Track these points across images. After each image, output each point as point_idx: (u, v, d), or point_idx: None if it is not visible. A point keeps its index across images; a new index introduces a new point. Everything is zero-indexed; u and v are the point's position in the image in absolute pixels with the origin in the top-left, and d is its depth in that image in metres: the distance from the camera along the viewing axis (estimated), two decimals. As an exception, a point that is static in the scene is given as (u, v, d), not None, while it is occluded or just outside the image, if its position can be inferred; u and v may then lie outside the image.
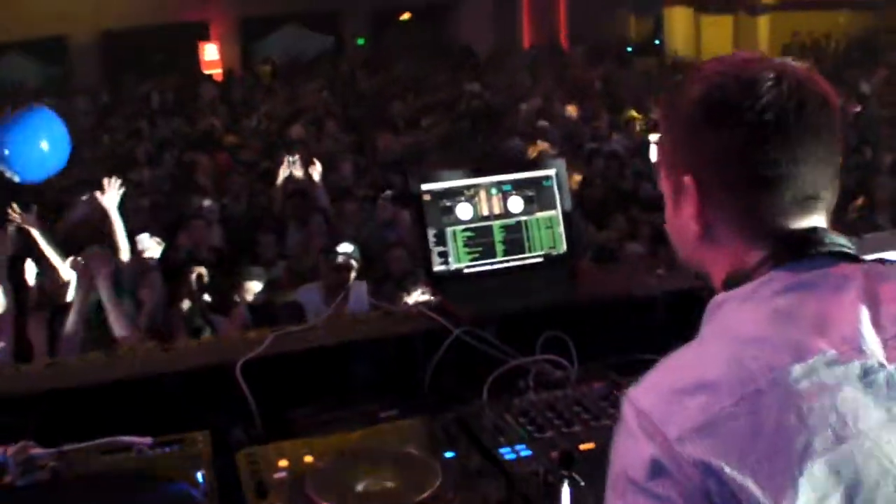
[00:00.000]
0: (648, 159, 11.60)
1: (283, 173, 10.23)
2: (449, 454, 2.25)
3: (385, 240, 9.08)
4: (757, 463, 1.33)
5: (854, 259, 1.55)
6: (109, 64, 26.91)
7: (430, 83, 22.47)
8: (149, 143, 14.94)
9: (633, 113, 15.11)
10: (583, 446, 2.22)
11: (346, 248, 7.48)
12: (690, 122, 1.60)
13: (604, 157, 12.57)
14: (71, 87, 25.07)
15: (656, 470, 1.38)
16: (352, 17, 29.97)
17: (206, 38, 27.53)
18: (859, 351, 1.41)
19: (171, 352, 2.86)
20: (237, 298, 7.53)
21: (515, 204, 3.18)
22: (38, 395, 2.60)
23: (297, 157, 10.42)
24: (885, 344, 1.43)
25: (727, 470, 1.33)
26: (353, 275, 7.38)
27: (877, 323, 1.44)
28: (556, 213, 3.22)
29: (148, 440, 2.36)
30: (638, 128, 14.64)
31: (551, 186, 3.22)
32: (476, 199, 3.14)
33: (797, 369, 1.37)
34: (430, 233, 3.09)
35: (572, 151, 12.82)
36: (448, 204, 3.11)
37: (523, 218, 3.18)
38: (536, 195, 3.20)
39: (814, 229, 1.55)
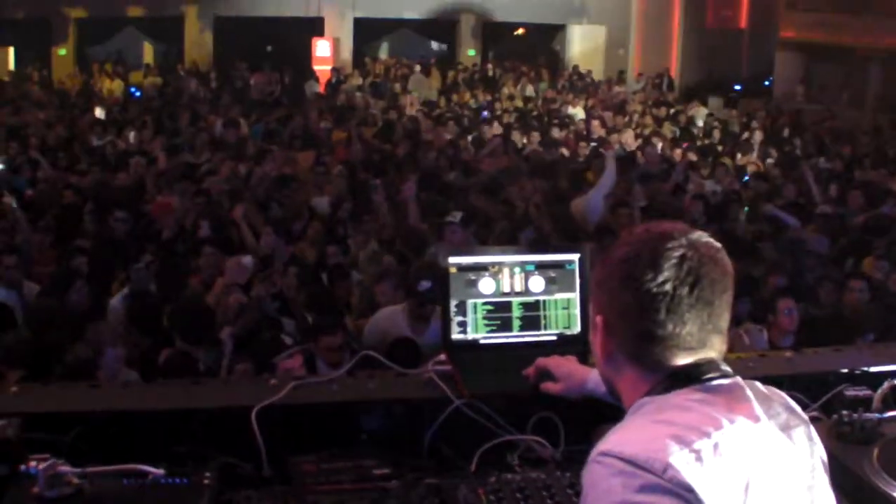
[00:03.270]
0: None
1: None
2: (417, 523, 2.51)
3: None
4: (721, 494, 1.81)
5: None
6: (220, 49, 27.40)
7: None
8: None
9: (726, 160, 15.08)
10: (537, 533, 2.46)
11: (426, 285, 7.49)
12: (608, 277, 2.04)
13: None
14: (183, 68, 25.64)
15: (646, 489, 1.80)
16: (466, 27, 30.17)
17: (321, 34, 27.92)
18: (760, 421, 1.94)
19: (200, 388, 3.15)
20: None
21: (536, 283, 3.40)
22: (77, 414, 2.90)
23: None
24: (778, 422, 1.99)
25: (706, 495, 1.79)
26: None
27: (766, 410, 1.98)
28: (575, 295, 3.44)
29: (161, 472, 2.65)
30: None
31: (573, 270, 3.44)
32: (500, 275, 3.38)
33: (730, 430, 1.88)
34: (453, 303, 3.34)
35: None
36: (472, 277, 3.35)
37: (542, 297, 3.41)
38: (558, 277, 3.43)
39: (708, 361, 1.99)
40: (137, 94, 22.46)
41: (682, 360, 1.98)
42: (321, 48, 27.62)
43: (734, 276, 2.03)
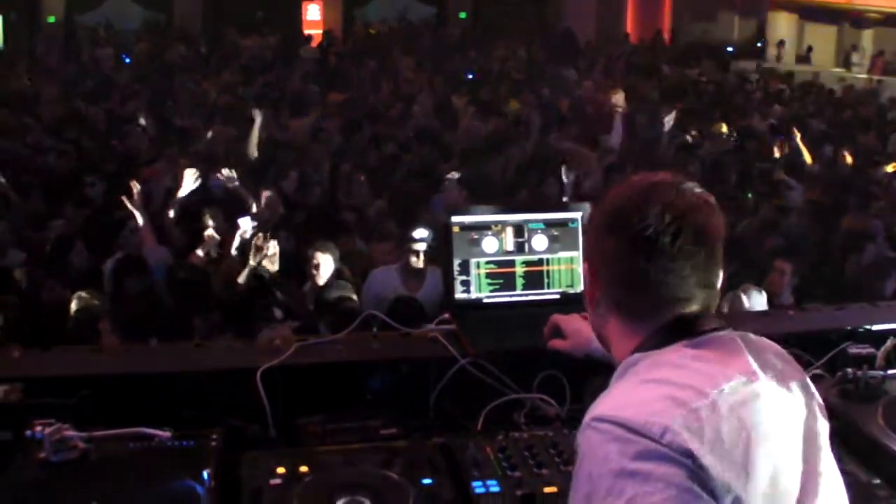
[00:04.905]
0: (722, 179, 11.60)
1: None
2: (426, 481, 2.50)
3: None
4: (722, 455, 1.77)
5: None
6: (210, 15, 27.28)
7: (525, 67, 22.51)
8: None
9: (723, 128, 15.00)
10: (546, 489, 2.45)
11: (422, 232, 7.47)
12: (596, 222, 2.06)
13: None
14: (172, 34, 25.50)
15: (644, 456, 1.75)
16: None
17: (310, -3, 27.77)
18: (757, 375, 1.90)
19: (203, 351, 3.14)
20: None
21: (539, 242, 3.39)
22: (79, 378, 2.89)
23: None
24: (774, 374, 1.94)
25: (706, 458, 1.75)
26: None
27: (761, 363, 1.94)
28: (578, 253, 3.42)
29: (167, 434, 2.64)
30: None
31: (576, 228, 3.43)
32: (502, 234, 3.36)
33: (727, 388, 1.84)
34: (455, 262, 3.32)
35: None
36: (475, 237, 3.34)
37: (545, 255, 3.40)
38: (560, 235, 3.41)
39: (698, 314, 1.97)
40: (127, 60, 22.30)
41: (668, 312, 1.96)
42: (311, 12, 27.53)
43: (727, 237, 2.01)
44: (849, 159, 12.94)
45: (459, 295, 3.33)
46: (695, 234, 1.93)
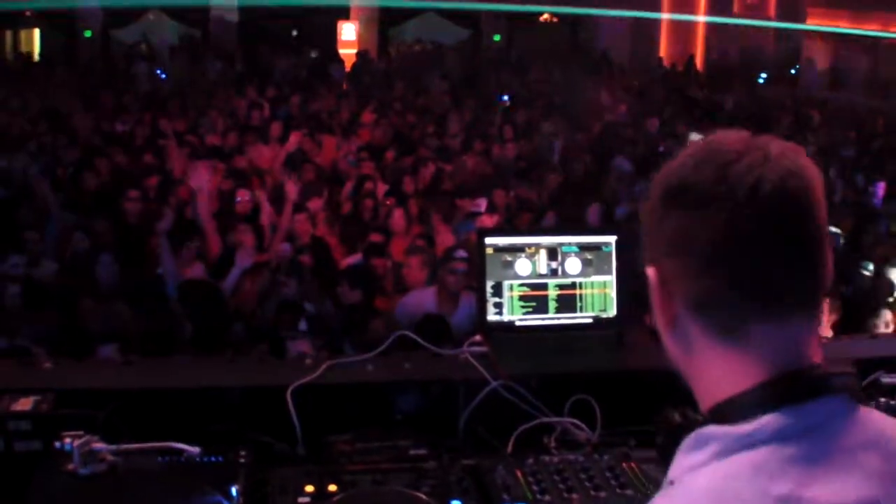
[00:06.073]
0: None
1: None
2: (456, 502, 2.48)
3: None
4: None
5: (857, 398, 1.44)
6: (246, 32, 27.45)
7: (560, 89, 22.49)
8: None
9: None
10: (575, 515, 2.43)
11: (463, 253, 7.48)
12: (652, 208, 1.48)
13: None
14: (207, 51, 25.68)
15: None
16: (492, 12, 30.09)
17: (346, 17, 27.94)
18: None
19: (235, 367, 3.14)
20: None
21: (573, 265, 3.37)
22: (110, 391, 2.89)
23: None
24: None
25: None
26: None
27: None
28: (611, 278, 3.40)
29: (197, 449, 2.63)
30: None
31: (610, 252, 3.41)
32: (536, 256, 3.35)
33: None
34: (489, 284, 3.31)
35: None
36: (509, 259, 3.32)
37: (579, 279, 3.38)
38: (594, 259, 3.39)
39: (817, 366, 1.42)
40: (164, 76, 22.46)
41: (768, 321, 1.39)
42: (347, 31, 27.62)
43: None
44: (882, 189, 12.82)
45: (492, 317, 3.32)
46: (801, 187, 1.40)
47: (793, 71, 28.91)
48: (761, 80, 27.58)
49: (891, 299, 8.07)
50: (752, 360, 1.40)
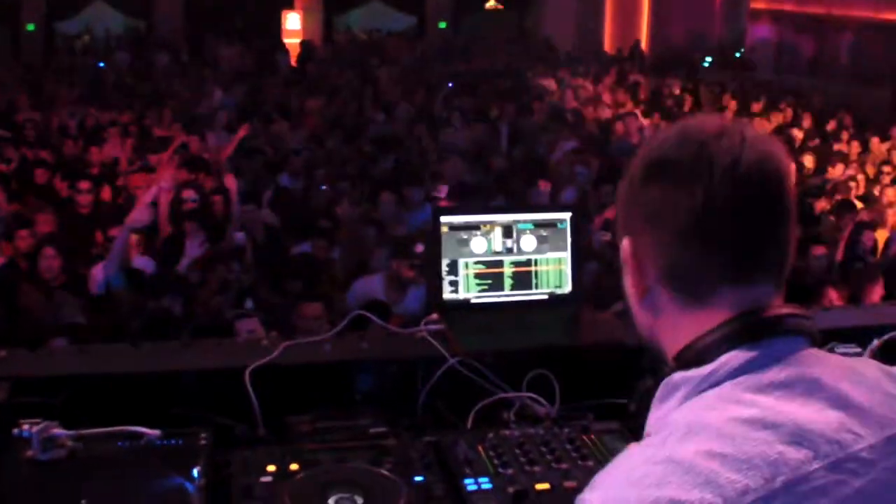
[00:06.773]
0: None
1: None
2: (418, 478, 2.48)
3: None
4: None
5: (814, 341, 1.52)
6: (191, 23, 27.26)
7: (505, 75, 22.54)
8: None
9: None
10: (538, 486, 2.44)
11: (420, 246, 7.56)
12: (630, 182, 1.58)
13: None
14: (152, 42, 25.47)
15: None
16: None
17: (290, 6, 27.79)
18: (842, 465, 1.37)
19: (192, 350, 3.12)
20: None
21: (528, 242, 3.39)
22: (66, 377, 2.87)
23: None
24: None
25: None
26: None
27: (850, 430, 1.40)
28: (566, 254, 3.42)
29: (157, 432, 2.62)
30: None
31: (565, 229, 3.43)
32: (491, 234, 3.36)
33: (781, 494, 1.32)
34: (444, 262, 3.32)
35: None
36: (464, 237, 3.33)
37: (534, 256, 3.40)
38: (549, 235, 3.41)
39: (770, 308, 1.49)
40: (102, 65, 22.16)
41: (734, 283, 1.50)
42: (291, 21, 27.48)
43: None
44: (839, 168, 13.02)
45: (448, 295, 3.33)
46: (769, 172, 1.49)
47: (737, 54, 29.12)
48: (706, 64, 27.76)
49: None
50: (716, 313, 1.50)
